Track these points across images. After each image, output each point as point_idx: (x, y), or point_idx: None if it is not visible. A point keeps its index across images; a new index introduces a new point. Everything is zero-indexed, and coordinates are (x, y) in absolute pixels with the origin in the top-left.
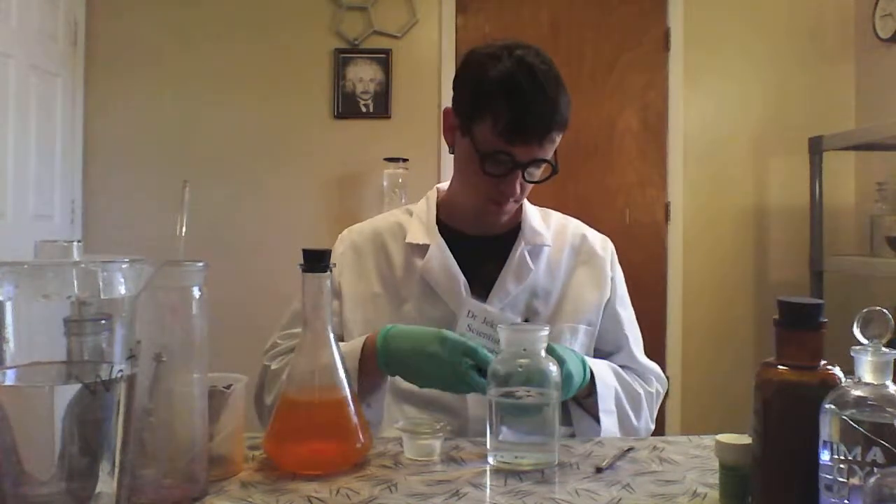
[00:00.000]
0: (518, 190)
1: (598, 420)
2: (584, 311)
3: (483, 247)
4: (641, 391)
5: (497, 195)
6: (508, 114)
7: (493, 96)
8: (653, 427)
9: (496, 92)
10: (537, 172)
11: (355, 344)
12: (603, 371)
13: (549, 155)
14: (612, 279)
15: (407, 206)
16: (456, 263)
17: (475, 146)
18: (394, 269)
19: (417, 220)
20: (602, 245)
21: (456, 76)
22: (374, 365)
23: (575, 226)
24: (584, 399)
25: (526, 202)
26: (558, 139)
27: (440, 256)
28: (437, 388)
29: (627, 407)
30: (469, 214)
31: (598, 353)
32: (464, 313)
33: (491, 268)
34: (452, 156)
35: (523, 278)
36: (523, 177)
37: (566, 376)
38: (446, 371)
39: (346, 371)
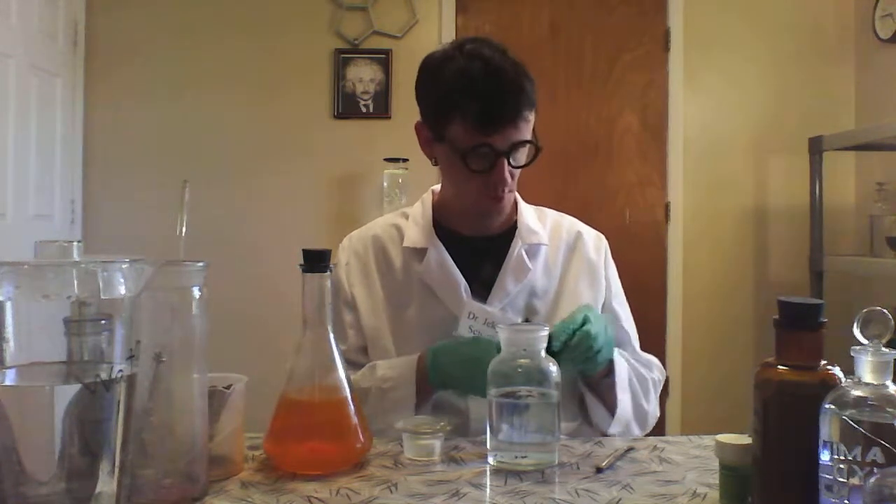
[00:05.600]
0: (508, 178)
1: (611, 407)
2: None
3: (480, 247)
4: (648, 376)
5: (490, 190)
6: (475, 106)
7: (456, 93)
8: (658, 415)
9: (457, 89)
10: (522, 156)
11: (405, 369)
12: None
13: (528, 135)
14: (606, 278)
15: (403, 209)
16: (455, 266)
17: (454, 148)
18: (394, 274)
19: (414, 224)
20: (596, 244)
21: (416, 88)
22: (424, 384)
23: (570, 223)
24: (603, 378)
25: (521, 201)
26: (532, 118)
27: (439, 259)
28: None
29: (639, 389)
30: (465, 215)
31: None
32: (464, 315)
33: (489, 268)
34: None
35: (522, 277)
36: (509, 164)
37: (607, 342)
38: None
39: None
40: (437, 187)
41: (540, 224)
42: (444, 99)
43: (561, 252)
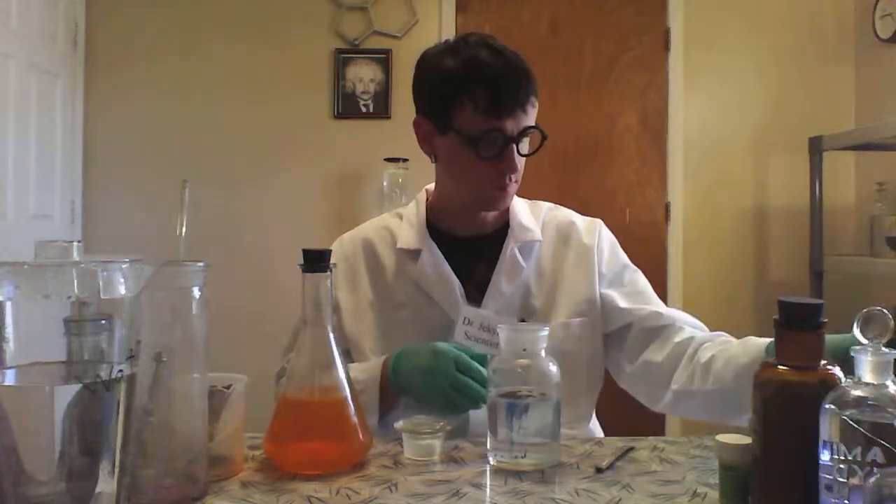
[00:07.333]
0: (517, 165)
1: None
2: (577, 304)
3: (473, 248)
4: None
5: (498, 179)
6: (486, 90)
7: (465, 80)
8: None
9: (466, 75)
10: (528, 144)
11: (372, 373)
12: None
13: (533, 121)
14: (599, 261)
15: (397, 210)
16: (449, 268)
17: (463, 136)
18: (386, 276)
19: (408, 225)
20: (589, 230)
21: (415, 83)
22: (389, 387)
23: (564, 215)
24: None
25: (514, 198)
26: (537, 105)
27: (433, 261)
28: (439, 408)
29: None
30: (461, 213)
31: (611, 335)
32: (460, 321)
33: (483, 268)
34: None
35: (516, 277)
36: (517, 151)
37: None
38: (442, 384)
39: (364, 394)
40: (431, 187)
41: (533, 219)
42: (453, 86)
43: (555, 245)
